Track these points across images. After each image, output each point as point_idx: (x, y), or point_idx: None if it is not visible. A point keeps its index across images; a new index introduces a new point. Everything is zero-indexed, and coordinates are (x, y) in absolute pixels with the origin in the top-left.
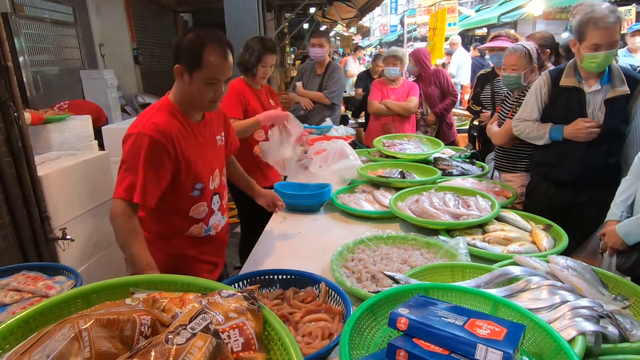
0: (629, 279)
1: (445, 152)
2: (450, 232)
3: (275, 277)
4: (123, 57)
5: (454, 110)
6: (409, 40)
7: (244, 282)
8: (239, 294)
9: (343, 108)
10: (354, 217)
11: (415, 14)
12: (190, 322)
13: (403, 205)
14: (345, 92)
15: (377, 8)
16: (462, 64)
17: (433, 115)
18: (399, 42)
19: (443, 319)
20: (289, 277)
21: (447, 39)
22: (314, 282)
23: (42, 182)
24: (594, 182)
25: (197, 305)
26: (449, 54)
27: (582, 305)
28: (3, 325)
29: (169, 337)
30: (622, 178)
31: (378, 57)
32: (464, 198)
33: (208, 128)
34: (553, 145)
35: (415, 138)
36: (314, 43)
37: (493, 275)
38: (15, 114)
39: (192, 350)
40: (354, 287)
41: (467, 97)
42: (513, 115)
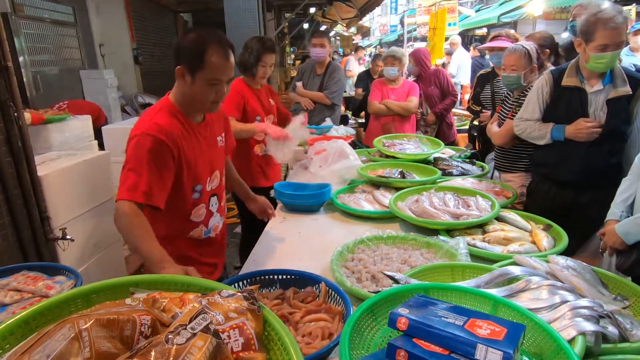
0: (629, 279)
1: (445, 152)
2: (450, 232)
3: (275, 277)
4: (123, 57)
5: (454, 110)
6: (409, 40)
7: (244, 282)
8: (239, 294)
9: (343, 108)
10: (354, 217)
11: (415, 14)
12: (190, 322)
13: (403, 205)
14: (346, 92)
15: (377, 8)
16: (462, 64)
17: (433, 115)
18: (399, 42)
19: (443, 319)
20: (289, 277)
21: (447, 39)
22: (314, 282)
23: (42, 182)
24: (596, 182)
25: (197, 305)
26: (449, 54)
27: (582, 305)
28: (3, 325)
29: (169, 337)
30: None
31: (378, 57)
32: (464, 198)
33: (209, 129)
34: (554, 145)
35: (415, 138)
36: (316, 43)
37: (493, 275)
38: (15, 114)
39: (192, 350)
40: (354, 287)
41: (467, 97)
42: (513, 116)
